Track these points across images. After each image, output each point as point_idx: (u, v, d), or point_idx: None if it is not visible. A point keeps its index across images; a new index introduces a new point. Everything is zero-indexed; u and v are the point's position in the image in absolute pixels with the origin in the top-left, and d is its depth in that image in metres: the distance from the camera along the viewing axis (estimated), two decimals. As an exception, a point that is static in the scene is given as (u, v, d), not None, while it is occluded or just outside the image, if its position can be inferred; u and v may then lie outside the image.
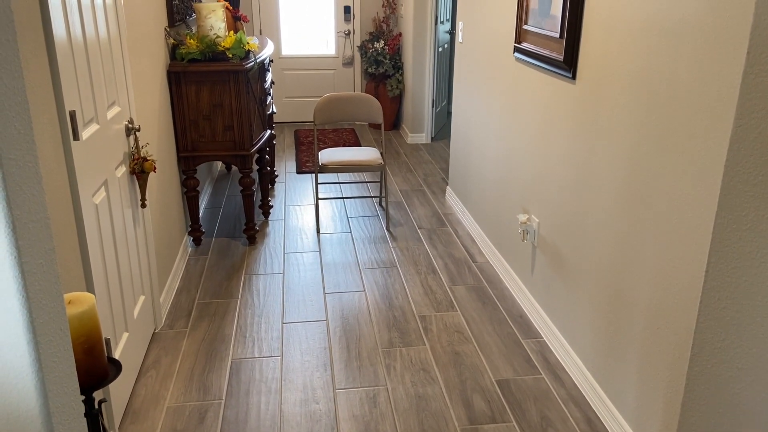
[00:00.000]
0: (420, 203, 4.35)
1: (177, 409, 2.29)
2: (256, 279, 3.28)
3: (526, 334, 2.76)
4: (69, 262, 1.80)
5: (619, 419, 2.09)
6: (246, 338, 2.75)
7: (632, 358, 2.02)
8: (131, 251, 2.41)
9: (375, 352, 2.65)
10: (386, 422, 2.22)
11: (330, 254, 3.58)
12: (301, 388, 2.42)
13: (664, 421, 1.85)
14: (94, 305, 1.37)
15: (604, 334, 2.20)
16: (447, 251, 3.60)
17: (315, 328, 2.84)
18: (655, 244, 1.87)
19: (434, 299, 3.07)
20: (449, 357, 2.60)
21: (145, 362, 2.56)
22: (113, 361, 1.48)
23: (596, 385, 2.26)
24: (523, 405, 2.30)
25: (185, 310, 2.98)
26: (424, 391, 2.39)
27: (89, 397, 1.41)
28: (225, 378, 2.47)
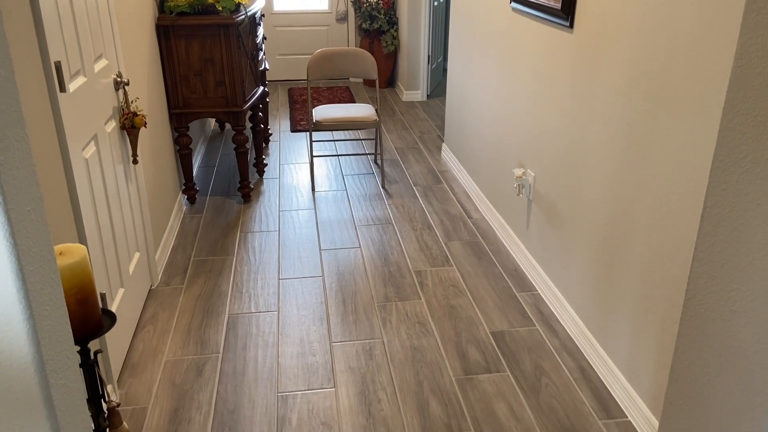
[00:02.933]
0: (415, 160, 4.32)
1: (175, 362, 2.31)
2: (251, 236, 3.28)
3: (520, 287, 2.78)
4: (60, 216, 1.79)
5: (611, 367, 2.12)
6: (242, 294, 2.76)
7: (626, 308, 2.03)
8: (124, 207, 2.39)
9: (371, 306, 2.67)
10: (382, 373, 2.25)
11: (325, 212, 3.57)
12: (297, 341, 2.44)
13: (656, 367, 1.88)
14: (86, 256, 1.36)
15: (598, 286, 2.22)
16: (442, 207, 3.59)
17: (311, 283, 2.85)
18: (652, 196, 1.86)
19: (430, 255, 3.07)
20: (444, 310, 2.62)
21: (142, 318, 2.57)
22: (108, 313, 1.48)
23: (590, 335, 2.28)
24: (518, 355, 2.32)
25: (181, 267, 2.98)
26: (420, 343, 2.41)
27: (84, 348, 1.42)
28: (222, 333, 2.49)
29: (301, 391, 2.17)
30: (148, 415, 2.05)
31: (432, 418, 2.03)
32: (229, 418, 2.04)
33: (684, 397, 1.35)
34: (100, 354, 2.00)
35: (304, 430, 1.99)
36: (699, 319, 1.27)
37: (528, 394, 2.13)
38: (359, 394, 2.15)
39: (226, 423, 2.02)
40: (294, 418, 2.04)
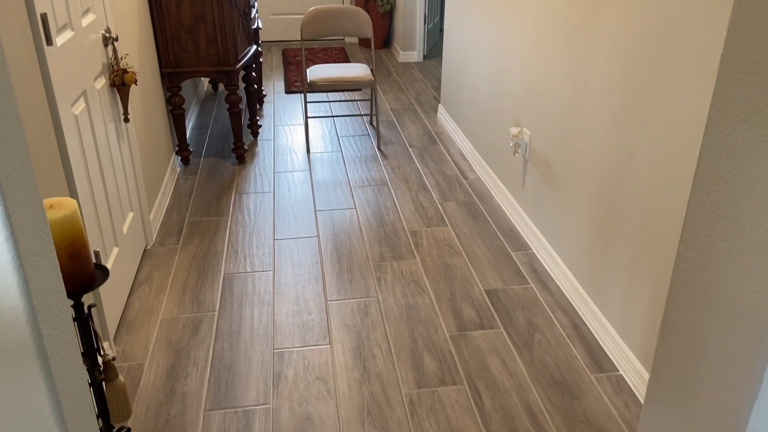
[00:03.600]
0: (411, 122, 4.28)
1: (171, 321, 2.32)
2: (246, 198, 3.26)
3: (515, 246, 2.78)
4: (50, 171, 1.77)
5: (604, 324, 2.14)
6: (238, 254, 2.76)
7: (619, 265, 2.04)
8: (116, 166, 2.37)
9: (366, 266, 2.67)
10: (377, 330, 2.27)
11: (320, 173, 3.55)
12: (293, 300, 2.45)
13: (648, 323, 1.89)
14: (77, 210, 1.34)
15: (593, 244, 2.22)
16: (438, 169, 3.57)
17: (306, 244, 2.85)
18: (649, 153, 1.85)
19: (425, 215, 3.07)
20: (439, 269, 2.63)
21: (138, 277, 2.58)
22: (101, 268, 1.47)
23: (583, 292, 2.29)
24: (511, 313, 2.34)
25: (176, 227, 2.97)
26: (415, 302, 2.42)
27: (78, 302, 1.42)
28: (218, 292, 2.50)
29: (296, 347, 2.19)
30: (144, 372, 2.07)
31: (426, 373, 2.06)
32: (225, 374, 2.06)
33: (675, 348, 1.36)
34: (94, 309, 2.01)
35: (300, 385, 2.02)
36: (691, 271, 1.28)
37: (521, 350, 2.15)
38: (354, 351, 2.17)
39: (223, 378, 2.04)
40: (290, 373, 2.07)
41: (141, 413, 1.91)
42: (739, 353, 1.15)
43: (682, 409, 1.35)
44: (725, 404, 1.20)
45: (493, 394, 1.96)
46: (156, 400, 1.95)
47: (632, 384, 1.96)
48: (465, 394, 1.96)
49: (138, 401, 1.95)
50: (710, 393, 1.25)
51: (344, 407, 1.93)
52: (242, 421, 1.87)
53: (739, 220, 1.14)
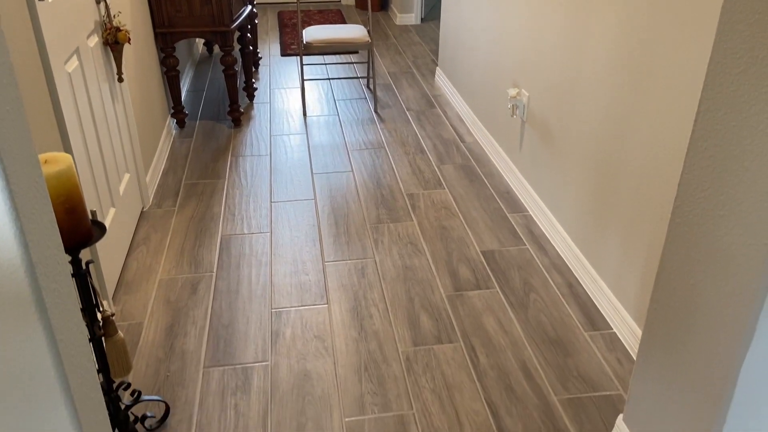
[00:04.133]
0: (408, 85, 4.24)
1: (169, 281, 2.34)
2: (242, 160, 3.25)
3: (512, 208, 2.79)
4: (44, 128, 1.76)
5: (599, 283, 2.16)
6: (235, 216, 2.76)
7: (616, 225, 2.05)
8: (111, 126, 2.35)
9: (363, 228, 2.68)
10: (374, 291, 2.29)
11: (317, 136, 3.53)
12: (290, 261, 2.46)
13: (642, 280, 1.91)
14: (72, 165, 1.34)
15: (589, 205, 2.23)
16: (435, 132, 3.55)
17: (303, 206, 2.85)
18: (647, 110, 1.84)
19: (422, 178, 3.07)
20: (436, 231, 2.64)
21: (135, 238, 2.58)
22: (98, 224, 1.47)
23: (579, 252, 2.31)
24: (507, 273, 2.36)
25: (172, 189, 2.97)
26: (411, 263, 2.44)
27: (76, 258, 1.42)
28: (215, 253, 2.51)
29: (294, 307, 2.21)
30: (144, 330, 2.09)
31: (422, 331, 2.08)
32: (224, 332, 2.08)
33: (668, 302, 1.38)
34: (92, 266, 2.01)
35: (298, 343, 2.04)
36: (687, 225, 1.28)
37: (516, 309, 2.17)
38: (351, 310, 2.19)
39: (222, 336, 2.06)
40: (288, 332, 2.09)
41: (141, 370, 1.93)
42: (732, 305, 1.17)
43: (673, 361, 1.37)
44: (717, 355, 1.22)
45: (488, 352, 1.99)
46: (155, 358, 1.98)
47: (625, 341, 1.99)
48: (460, 352, 1.99)
49: (138, 358, 1.97)
50: (702, 344, 1.26)
51: (342, 364, 1.95)
52: (241, 378, 1.90)
53: (736, 172, 1.14)
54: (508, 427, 1.72)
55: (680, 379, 1.34)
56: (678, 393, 1.36)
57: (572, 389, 1.84)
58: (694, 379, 1.30)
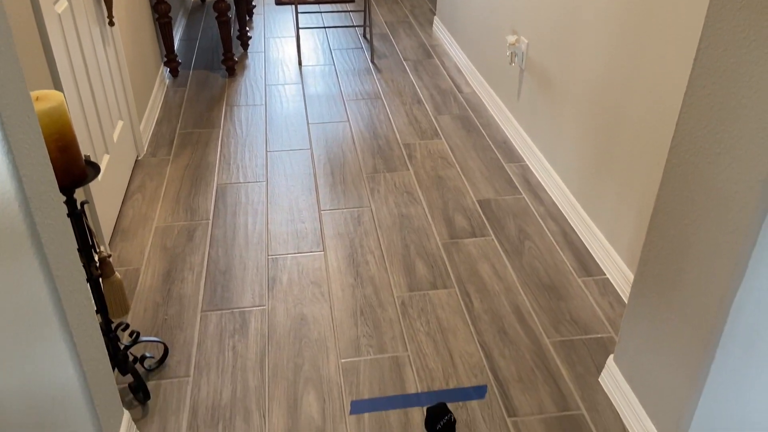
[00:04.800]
0: (406, 35, 4.17)
1: (165, 228, 2.34)
2: (237, 110, 3.22)
3: (509, 158, 2.78)
4: (35, 68, 1.73)
5: (593, 230, 2.17)
6: (230, 165, 2.75)
7: (613, 172, 2.05)
8: (103, 71, 2.31)
9: (359, 177, 2.67)
10: (370, 238, 2.30)
11: (313, 86, 3.48)
12: (287, 209, 2.46)
13: (636, 225, 1.92)
14: (64, 103, 1.32)
15: (587, 152, 2.22)
16: (433, 82, 3.51)
17: (299, 156, 2.83)
18: (648, 56, 1.81)
19: (419, 128, 3.04)
20: (432, 181, 2.64)
21: (130, 186, 2.57)
22: (92, 164, 1.46)
23: (574, 201, 2.31)
24: (503, 221, 2.37)
25: (167, 138, 2.94)
26: (407, 211, 2.44)
27: (71, 198, 1.42)
28: (211, 201, 2.50)
29: (291, 254, 2.22)
30: (141, 276, 2.11)
31: (418, 277, 2.10)
32: (221, 278, 2.10)
33: (662, 242, 1.39)
34: (88, 208, 2.01)
35: (295, 288, 2.06)
36: (683, 165, 1.28)
37: (511, 256, 2.19)
38: (348, 257, 2.20)
39: (219, 282, 2.08)
40: (284, 277, 2.11)
41: (139, 313, 1.95)
42: (725, 242, 1.18)
43: (665, 300, 1.39)
44: (708, 293, 1.24)
45: (482, 297, 2.01)
46: (153, 302, 2.00)
47: (618, 286, 2.01)
48: (455, 297, 2.01)
49: (136, 303, 1.99)
50: (694, 283, 1.28)
51: (338, 308, 1.98)
52: (239, 321, 1.93)
53: (734, 109, 1.13)
54: (501, 368, 1.76)
55: (671, 317, 1.37)
56: (668, 331, 1.38)
57: (564, 332, 1.87)
58: (684, 317, 1.32)
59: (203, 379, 1.73)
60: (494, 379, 1.73)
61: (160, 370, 1.76)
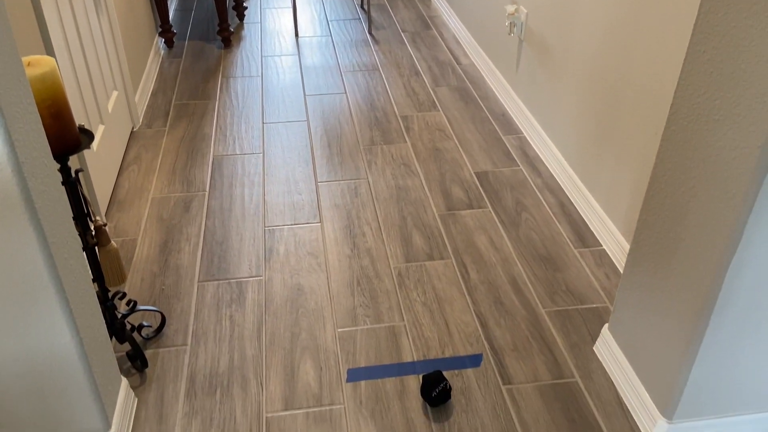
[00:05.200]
0: (404, 6, 4.11)
1: (161, 199, 2.33)
2: (233, 81, 3.18)
3: (507, 130, 2.76)
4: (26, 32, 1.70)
5: (590, 201, 2.17)
6: (226, 137, 2.73)
7: (611, 143, 2.04)
8: (96, 39, 2.28)
9: (356, 149, 2.66)
10: (367, 210, 2.29)
11: (309, 58, 3.44)
12: (283, 181, 2.45)
13: (633, 196, 1.92)
14: (56, 68, 1.30)
15: (586, 124, 2.20)
16: (431, 54, 3.47)
17: (296, 128, 2.81)
18: (648, 27, 1.79)
19: (416, 100, 3.02)
20: (430, 153, 2.62)
21: (126, 158, 2.56)
22: (85, 132, 1.45)
23: (572, 172, 2.31)
24: (500, 193, 2.36)
25: (162, 110, 2.92)
26: (404, 183, 2.44)
27: (65, 166, 1.41)
28: (207, 173, 2.49)
29: (287, 225, 2.22)
30: (138, 246, 2.10)
31: (414, 248, 2.10)
32: (218, 249, 2.10)
33: (658, 211, 1.39)
34: (83, 178, 2.00)
35: (291, 259, 2.06)
36: (681, 132, 1.27)
37: (508, 227, 2.19)
38: (344, 228, 2.20)
39: (216, 252, 2.08)
40: (281, 248, 2.11)
41: (136, 283, 1.96)
42: (722, 210, 1.18)
43: (660, 268, 1.40)
44: (704, 260, 1.24)
45: (478, 268, 2.02)
46: (150, 272, 2.00)
47: (614, 257, 2.02)
48: (452, 268, 2.02)
49: (132, 273, 2.00)
50: (690, 251, 1.28)
51: (334, 279, 1.98)
52: (235, 291, 1.93)
53: (733, 75, 1.12)
54: (496, 337, 1.77)
55: (666, 286, 1.37)
56: (663, 299, 1.39)
57: (560, 302, 1.88)
58: (679, 285, 1.32)
59: (201, 347, 1.74)
60: (490, 347, 1.74)
61: (158, 338, 1.77)
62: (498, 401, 1.59)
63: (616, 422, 1.53)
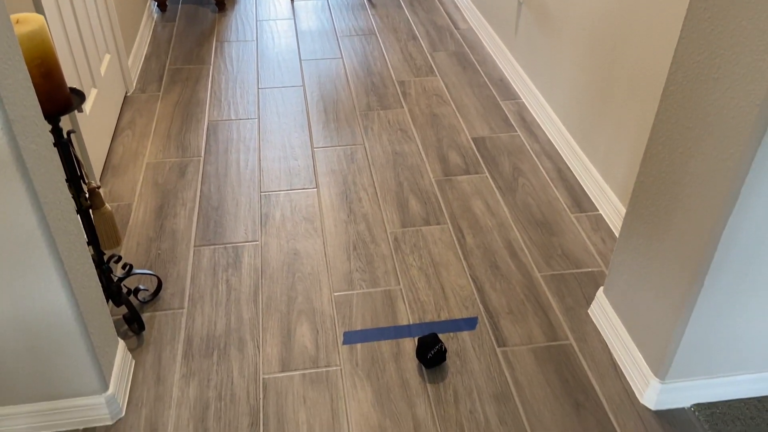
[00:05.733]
0: (401, -31, 4.03)
1: (156, 164, 2.32)
2: (228, 46, 3.14)
3: (505, 96, 2.74)
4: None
5: (588, 166, 2.16)
6: (221, 102, 2.70)
7: (610, 108, 2.02)
8: (87, 1, 2.23)
9: (353, 114, 2.63)
10: (363, 176, 2.28)
11: (305, 22, 3.39)
12: (279, 146, 2.44)
13: (630, 160, 1.91)
14: (45, 26, 1.27)
15: (584, 89, 2.18)
16: (429, 18, 3.42)
17: (291, 93, 2.78)
18: (647, -20, 1.75)
19: (414, 65, 2.98)
20: (427, 118, 2.60)
21: (120, 123, 2.53)
22: (76, 92, 1.43)
23: (570, 137, 2.29)
24: (497, 159, 2.35)
25: (156, 74, 2.88)
26: (401, 149, 2.42)
27: (56, 127, 1.39)
28: (202, 138, 2.47)
29: (283, 190, 2.21)
30: (133, 211, 2.10)
31: (411, 213, 2.10)
32: (214, 214, 2.09)
33: (656, 171, 1.38)
34: (76, 141, 1.98)
35: (287, 224, 2.06)
36: (680, 92, 1.26)
37: (504, 193, 2.18)
38: (341, 194, 2.19)
39: (211, 217, 2.07)
40: (277, 214, 2.10)
41: (132, 248, 1.95)
42: (720, 170, 1.17)
43: (656, 230, 1.40)
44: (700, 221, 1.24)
45: (475, 232, 2.02)
46: (146, 237, 2.00)
47: (610, 222, 2.02)
48: (448, 232, 2.02)
49: (128, 237, 1.99)
50: (687, 212, 1.28)
51: (331, 244, 1.98)
52: (232, 255, 1.93)
53: (734, 33, 1.10)
54: (492, 301, 1.78)
55: (661, 247, 1.37)
56: (658, 261, 1.39)
57: (555, 266, 1.89)
58: (675, 247, 1.32)
59: (197, 311, 1.75)
60: (485, 311, 1.75)
61: (154, 302, 1.77)
62: (492, 363, 1.60)
63: (609, 383, 1.55)
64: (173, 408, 1.49)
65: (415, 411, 1.49)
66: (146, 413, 1.48)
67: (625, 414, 1.48)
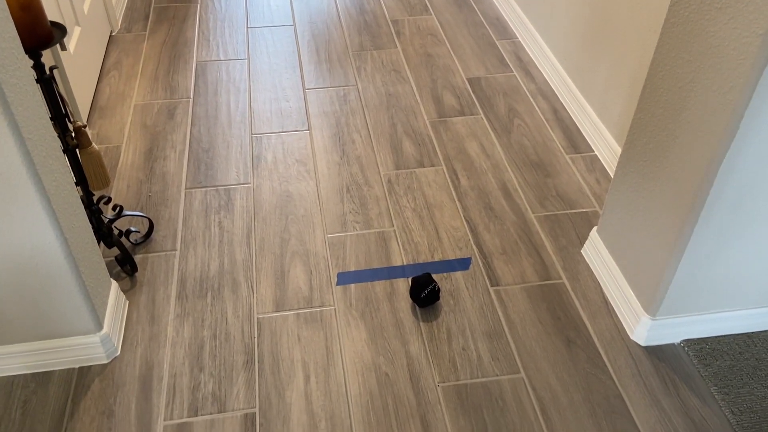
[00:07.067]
0: None
1: (144, 106, 2.27)
2: (215, -17, 3.02)
3: (501, 35, 2.67)
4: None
5: (584, 106, 2.13)
6: (210, 42, 2.62)
7: (607, 47, 1.97)
8: (65, -67, 2.13)
9: (345, 55, 2.57)
10: (356, 117, 2.24)
11: (295, -42, 3.26)
12: (270, 88, 2.38)
13: (627, 99, 1.88)
14: (19, -47, 1.21)
15: (582, 27, 2.12)
16: (423, -46, 3.29)
17: (282, 32, 2.70)
18: None
19: (408, 3, 2.89)
20: (421, 58, 2.54)
21: (106, 63, 2.46)
22: (58, 26, 1.38)
23: (566, 77, 2.25)
24: (492, 100, 2.31)
25: (142, 13, 2.78)
26: (395, 90, 2.37)
27: (38, 62, 1.35)
28: (191, 79, 2.41)
29: (275, 132, 2.17)
30: (122, 153, 2.06)
31: (404, 155, 2.07)
32: (204, 156, 2.06)
33: (654, 108, 1.35)
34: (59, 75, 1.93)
35: (280, 167, 2.03)
36: (681, 24, 1.22)
37: (499, 134, 2.15)
38: (333, 136, 2.16)
39: (202, 160, 2.04)
40: (269, 156, 2.07)
41: (122, 190, 1.93)
42: (719, 104, 1.15)
43: (652, 168, 1.38)
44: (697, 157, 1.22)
45: (469, 174, 2.00)
46: (136, 179, 1.97)
47: (605, 162, 2.00)
48: (442, 174, 2.00)
49: (118, 179, 1.97)
50: (684, 148, 1.26)
51: (324, 186, 1.96)
52: (224, 198, 1.91)
53: (740, -42, 1.06)
54: (485, 242, 1.78)
55: (656, 185, 1.36)
56: (652, 199, 1.38)
57: (550, 207, 1.88)
58: (670, 183, 1.31)
59: (190, 252, 1.74)
60: (479, 251, 1.75)
61: (146, 244, 1.76)
62: (485, 302, 1.62)
63: (600, 320, 1.57)
64: (168, 347, 1.51)
65: (408, 348, 1.51)
66: (141, 352, 1.49)
67: (616, 350, 1.50)
